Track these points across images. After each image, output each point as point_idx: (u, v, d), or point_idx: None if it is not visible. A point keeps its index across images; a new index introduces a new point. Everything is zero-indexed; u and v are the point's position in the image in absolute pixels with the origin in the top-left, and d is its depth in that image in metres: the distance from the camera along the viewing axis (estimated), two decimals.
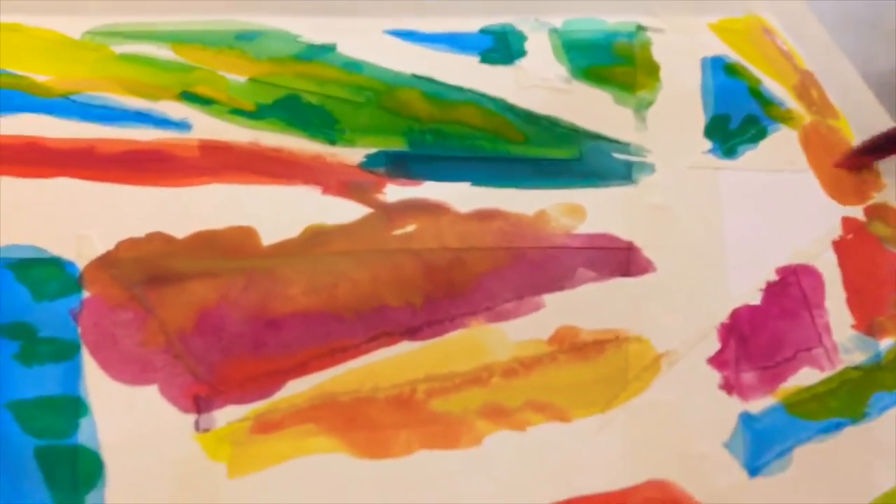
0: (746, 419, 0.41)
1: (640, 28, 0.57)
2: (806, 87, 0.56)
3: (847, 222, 0.49)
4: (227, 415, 0.36)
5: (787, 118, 0.54)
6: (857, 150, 0.52)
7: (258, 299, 0.39)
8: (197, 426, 0.36)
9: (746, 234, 0.48)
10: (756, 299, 0.45)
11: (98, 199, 0.41)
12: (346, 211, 0.43)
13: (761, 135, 0.52)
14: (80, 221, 0.40)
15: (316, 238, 0.42)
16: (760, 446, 0.40)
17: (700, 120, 0.52)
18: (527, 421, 0.39)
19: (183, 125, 0.45)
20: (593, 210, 0.46)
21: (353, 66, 0.50)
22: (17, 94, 0.44)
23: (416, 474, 0.37)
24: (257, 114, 0.46)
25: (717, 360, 0.42)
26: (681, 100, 0.53)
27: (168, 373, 0.37)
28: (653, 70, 0.54)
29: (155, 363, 0.37)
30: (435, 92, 0.50)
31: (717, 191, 0.49)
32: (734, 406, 0.41)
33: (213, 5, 0.51)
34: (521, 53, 0.53)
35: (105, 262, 0.39)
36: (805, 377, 0.43)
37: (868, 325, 0.45)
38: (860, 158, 0.52)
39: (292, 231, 0.42)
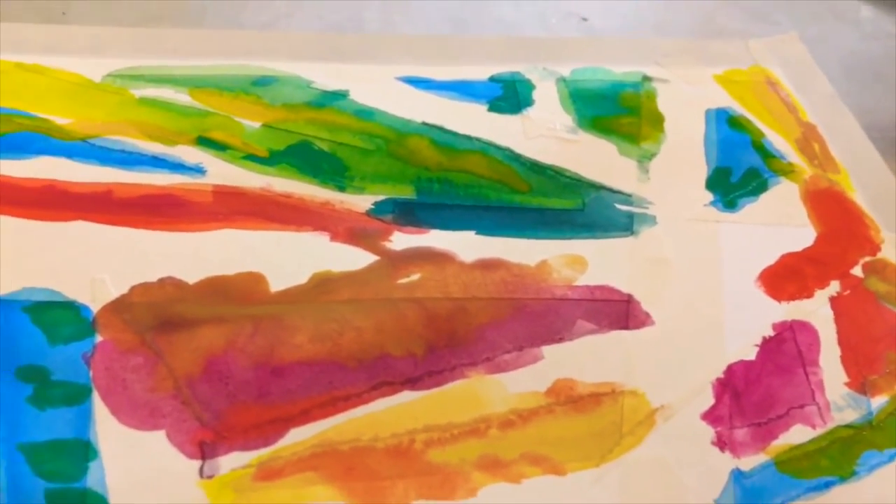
0: (737, 476, 0.42)
1: (647, 78, 0.58)
2: (808, 140, 0.57)
3: (845, 278, 0.50)
4: (231, 461, 0.37)
5: (788, 171, 0.55)
6: None
7: (265, 346, 0.40)
8: (201, 472, 0.37)
9: (745, 289, 0.48)
10: (751, 355, 0.46)
11: (114, 243, 0.42)
12: (353, 258, 0.45)
13: (762, 188, 0.53)
14: (96, 265, 0.41)
15: (323, 285, 0.43)
16: (750, 503, 0.41)
17: (702, 172, 0.54)
18: (522, 474, 0.39)
19: (198, 170, 0.46)
20: (594, 261, 0.47)
21: (364, 113, 0.51)
22: (38, 137, 0.45)
23: None
24: (270, 160, 0.47)
25: (710, 416, 0.43)
26: (684, 151, 0.54)
27: (175, 419, 0.38)
28: (657, 121, 0.56)
29: (163, 409, 0.38)
30: (444, 140, 0.51)
31: (716, 244, 0.50)
32: (726, 462, 0.42)
33: (231, 49, 0.53)
34: (529, 102, 0.54)
35: (118, 307, 0.40)
36: (797, 434, 0.44)
37: (861, 383, 0.46)
38: None
39: (300, 277, 0.43)
